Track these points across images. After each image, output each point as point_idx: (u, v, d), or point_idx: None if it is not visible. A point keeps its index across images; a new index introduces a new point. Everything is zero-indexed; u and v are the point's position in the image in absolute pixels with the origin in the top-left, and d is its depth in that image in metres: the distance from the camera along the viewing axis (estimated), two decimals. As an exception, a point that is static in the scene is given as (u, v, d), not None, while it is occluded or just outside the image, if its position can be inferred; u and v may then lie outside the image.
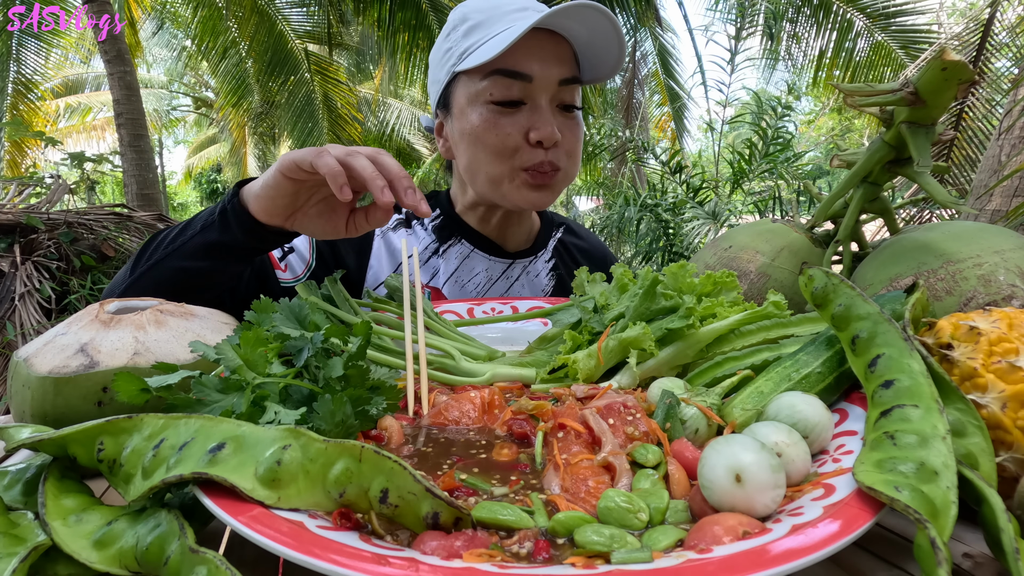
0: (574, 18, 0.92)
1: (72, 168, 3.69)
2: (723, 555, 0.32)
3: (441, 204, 1.13)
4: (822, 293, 0.50)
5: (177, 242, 0.80)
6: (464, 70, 0.95)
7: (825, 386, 0.51)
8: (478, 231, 1.12)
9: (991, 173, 2.57)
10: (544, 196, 1.01)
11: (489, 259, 1.12)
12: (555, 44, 0.95)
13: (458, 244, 1.11)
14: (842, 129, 16.98)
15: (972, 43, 3.96)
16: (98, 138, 13.93)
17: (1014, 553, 0.32)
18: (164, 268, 0.80)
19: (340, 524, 0.38)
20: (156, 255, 0.81)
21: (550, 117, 0.95)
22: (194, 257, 0.79)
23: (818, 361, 0.52)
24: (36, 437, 0.41)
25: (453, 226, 1.11)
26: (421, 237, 1.10)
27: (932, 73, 0.55)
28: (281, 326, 0.57)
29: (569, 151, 1.00)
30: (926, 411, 0.39)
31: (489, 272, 1.12)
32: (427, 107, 12.25)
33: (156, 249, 0.82)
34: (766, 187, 5.71)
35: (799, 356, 0.53)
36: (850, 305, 0.48)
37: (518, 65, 0.93)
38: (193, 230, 0.80)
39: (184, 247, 0.79)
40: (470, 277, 1.10)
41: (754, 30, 6.19)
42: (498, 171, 0.98)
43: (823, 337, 0.54)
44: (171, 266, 0.80)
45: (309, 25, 7.24)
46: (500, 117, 0.94)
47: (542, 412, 0.52)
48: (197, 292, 0.80)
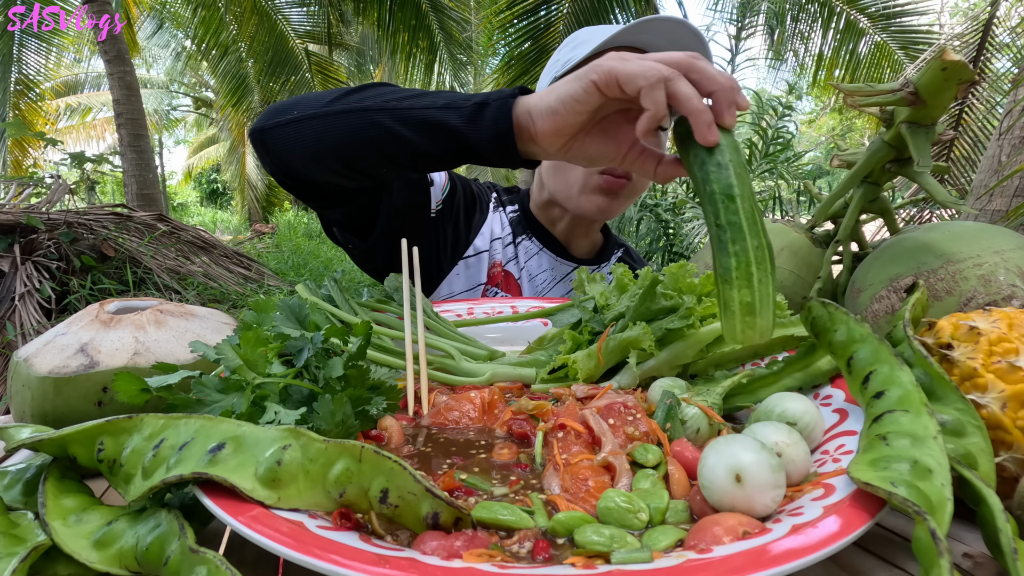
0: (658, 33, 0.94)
1: (72, 168, 3.69)
2: (723, 555, 0.32)
3: (520, 200, 1.20)
4: (820, 323, 0.51)
5: (403, 103, 0.71)
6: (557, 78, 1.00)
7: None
8: (547, 231, 1.17)
9: (991, 173, 2.57)
10: (611, 204, 1.03)
11: (555, 259, 1.17)
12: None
13: (528, 240, 1.17)
14: (842, 129, 16.98)
15: (972, 43, 3.95)
16: (98, 138, 13.93)
17: (1012, 553, 0.32)
18: (367, 119, 0.71)
19: (340, 524, 0.38)
20: (367, 101, 0.72)
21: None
22: (410, 125, 0.69)
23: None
24: (36, 437, 0.41)
25: (527, 222, 1.17)
26: (504, 224, 1.17)
27: (932, 73, 0.55)
28: (281, 326, 0.57)
29: None
30: (916, 415, 0.39)
31: (554, 272, 1.17)
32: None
33: (370, 97, 0.73)
34: (766, 187, 5.70)
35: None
36: (846, 331, 0.49)
37: None
38: (430, 101, 0.70)
39: (407, 112, 0.70)
40: (538, 271, 1.16)
41: (755, 30, 6.19)
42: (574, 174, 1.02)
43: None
44: (377, 121, 0.71)
45: (309, 25, 7.24)
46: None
47: (542, 412, 0.52)
48: (377, 162, 0.74)
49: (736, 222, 0.48)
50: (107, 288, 2.57)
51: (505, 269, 1.14)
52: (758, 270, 0.47)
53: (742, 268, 0.47)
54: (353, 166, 0.75)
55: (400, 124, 0.69)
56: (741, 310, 0.47)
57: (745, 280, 0.47)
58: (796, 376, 0.57)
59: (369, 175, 0.78)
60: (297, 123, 0.75)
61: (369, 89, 0.76)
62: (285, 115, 0.76)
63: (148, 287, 2.73)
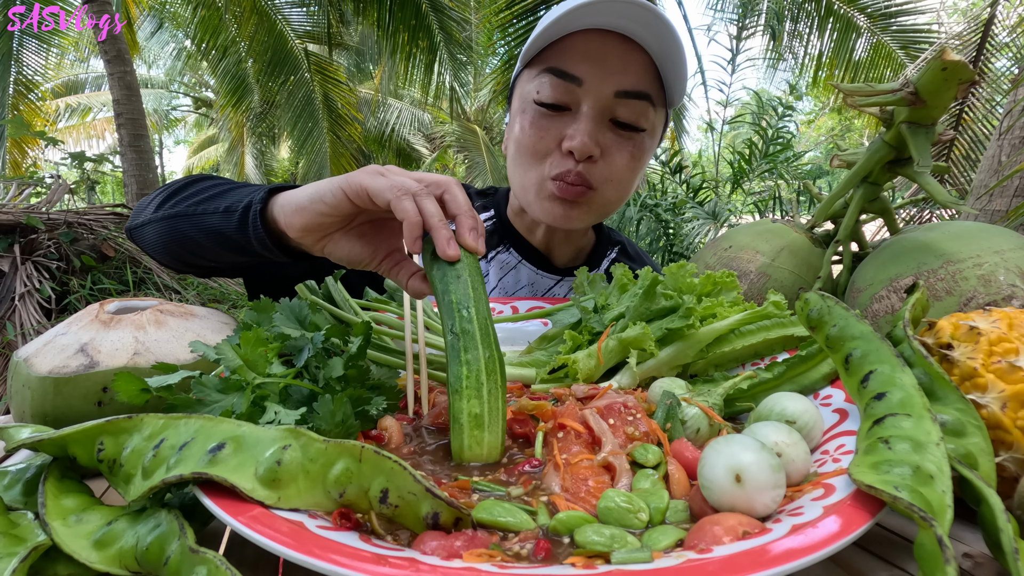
0: (635, 20, 0.81)
1: (72, 168, 3.69)
2: (723, 555, 0.32)
3: (497, 205, 1.06)
4: (817, 316, 0.50)
5: (199, 208, 0.71)
6: (525, 66, 0.90)
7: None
8: (526, 240, 1.04)
9: (991, 173, 2.57)
10: (569, 214, 0.89)
11: (536, 273, 1.03)
12: (622, 50, 0.84)
13: (505, 252, 1.03)
14: (842, 129, 16.98)
15: (972, 43, 3.95)
16: (98, 138, 13.93)
17: (1013, 553, 0.32)
18: (174, 226, 0.73)
19: (340, 524, 0.38)
20: (178, 207, 0.74)
21: (589, 127, 0.84)
22: (203, 232, 0.71)
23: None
24: (36, 437, 0.41)
25: (503, 231, 1.04)
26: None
27: (932, 73, 0.55)
28: (281, 326, 0.57)
29: (611, 175, 0.88)
30: (918, 419, 0.39)
31: (534, 287, 1.04)
32: (427, 107, 12.26)
33: (181, 200, 0.74)
34: (766, 187, 5.71)
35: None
36: (844, 326, 0.48)
37: (568, 65, 0.84)
38: (216, 205, 0.70)
39: (200, 219, 0.71)
40: (516, 288, 1.03)
41: (755, 30, 6.19)
42: (528, 177, 0.90)
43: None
44: (180, 229, 0.73)
45: (309, 25, 7.24)
46: (542, 119, 0.87)
47: (542, 412, 0.52)
48: (214, 258, 0.74)
49: (470, 331, 0.49)
50: (107, 288, 2.57)
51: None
52: (488, 380, 0.48)
53: (472, 378, 0.47)
54: (201, 262, 0.74)
55: (197, 231, 0.72)
56: (470, 422, 0.47)
57: (475, 391, 0.47)
58: (797, 381, 0.57)
59: (230, 262, 0.76)
60: (142, 227, 0.79)
61: (190, 186, 0.77)
62: (136, 218, 0.80)
63: (148, 287, 2.73)
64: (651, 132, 0.90)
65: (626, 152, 0.88)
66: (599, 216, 0.94)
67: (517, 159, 0.91)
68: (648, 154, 0.93)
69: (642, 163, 0.92)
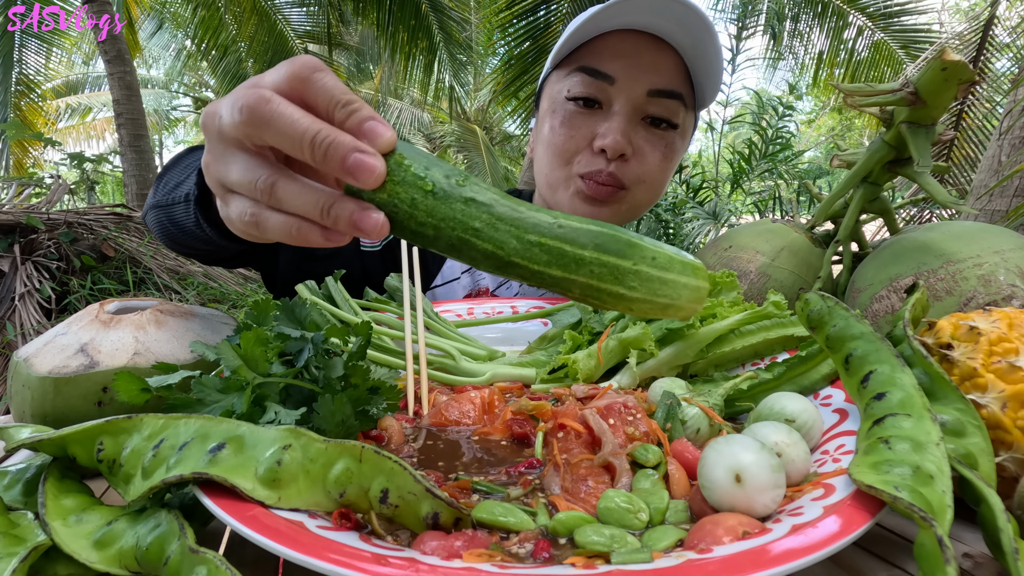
0: (670, 17, 0.80)
1: (72, 168, 3.69)
2: (723, 555, 0.32)
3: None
4: (817, 316, 0.50)
5: (170, 195, 0.68)
6: (556, 66, 0.89)
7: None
8: None
9: (991, 173, 2.57)
10: (599, 213, 0.87)
11: None
12: (655, 51, 0.84)
13: None
14: (842, 129, 16.98)
15: (972, 43, 3.95)
16: (98, 138, 13.93)
17: (1013, 553, 0.32)
18: (156, 218, 0.72)
19: (340, 524, 0.38)
20: (159, 194, 0.71)
21: (622, 126, 0.84)
22: (178, 226, 0.68)
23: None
24: (36, 437, 0.41)
25: None
26: None
27: (932, 73, 0.55)
28: (281, 326, 0.57)
29: (643, 175, 0.87)
30: (918, 419, 0.39)
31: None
32: (427, 106, 12.26)
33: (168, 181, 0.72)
34: (766, 187, 5.71)
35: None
36: (844, 327, 0.48)
37: (600, 64, 0.84)
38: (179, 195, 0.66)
39: (171, 209, 0.68)
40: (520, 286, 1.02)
41: (755, 29, 6.19)
42: (556, 175, 0.89)
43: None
44: (162, 220, 0.71)
45: (309, 25, 7.24)
46: (574, 117, 0.86)
47: (542, 412, 0.52)
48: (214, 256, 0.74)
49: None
50: (107, 288, 2.57)
51: (494, 295, 1.00)
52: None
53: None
54: (199, 244, 0.72)
55: (170, 222, 0.70)
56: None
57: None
58: (797, 381, 0.57)
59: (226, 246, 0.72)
60: (144, 216, 0.79)
61: (179, 163, 0.75)
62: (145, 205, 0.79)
63: (148, 287, 2.73)
64: (682, 133, 0.89)
65: (658, 152, 0.87)
66: (628, 218, 0.92)
67: (545, 159, 0.89)
68: (679, 156, 0.91)
69: (673, 164, 0.90)
